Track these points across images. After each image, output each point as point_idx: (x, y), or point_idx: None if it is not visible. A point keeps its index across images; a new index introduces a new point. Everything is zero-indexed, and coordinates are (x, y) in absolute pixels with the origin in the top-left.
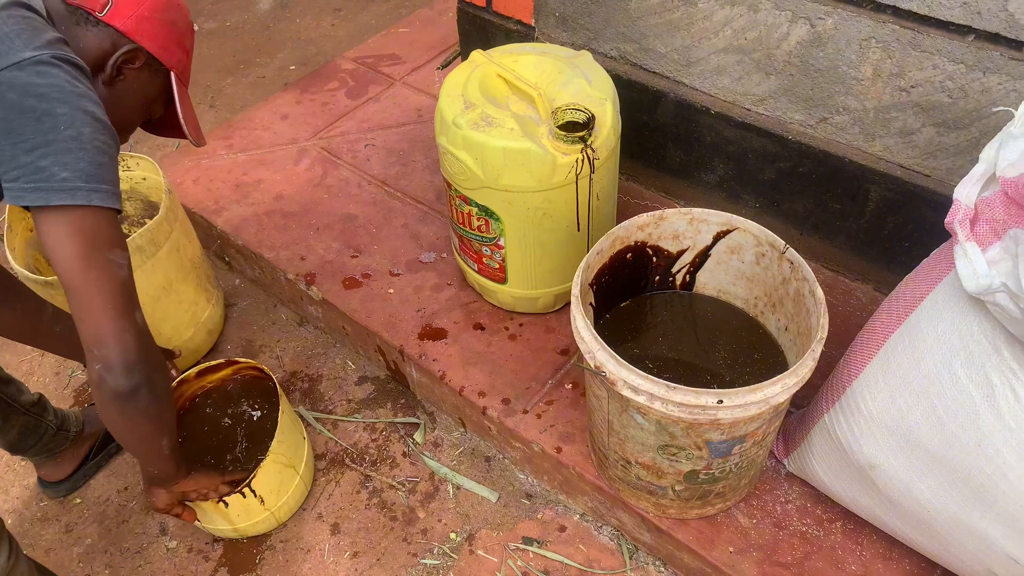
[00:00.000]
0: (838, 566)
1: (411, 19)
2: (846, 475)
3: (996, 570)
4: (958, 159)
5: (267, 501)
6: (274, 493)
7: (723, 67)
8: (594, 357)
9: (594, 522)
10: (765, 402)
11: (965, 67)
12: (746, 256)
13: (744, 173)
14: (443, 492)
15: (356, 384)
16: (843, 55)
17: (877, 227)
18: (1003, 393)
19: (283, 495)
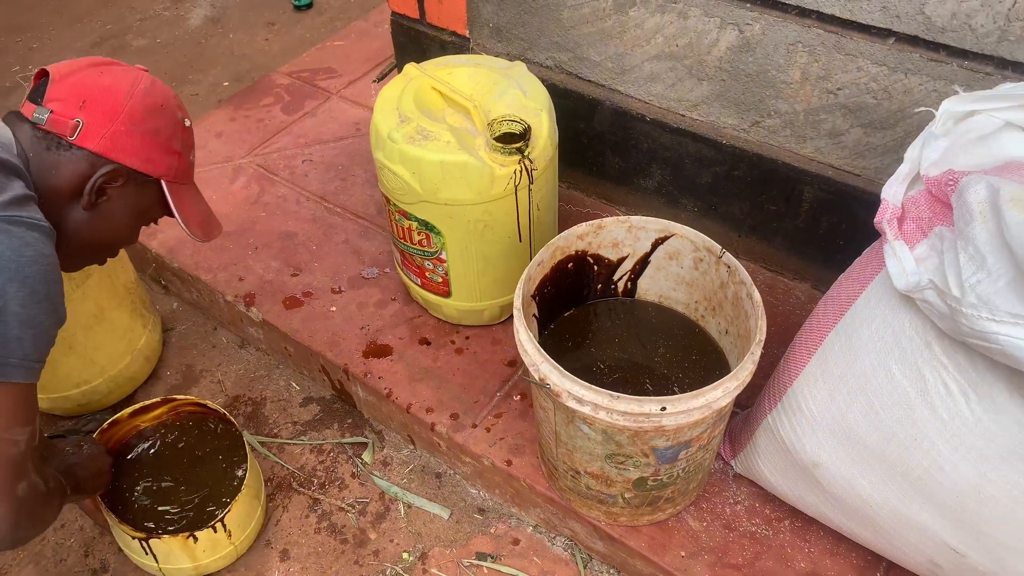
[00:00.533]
0: (787, 564)
1: (346, 32)
2: (791, 474)
3: (938, 560)
4: (886, 158)
5: (234, 535)
6: (240, 526)
7: (656, 74)
8: (538, 370)
9: (547, 533)
10: (708, 407)
11: (888, 69)
12: (685, 261)
13: (682, 178)
14: (394, 511)
15: (301, 406)
16: (771, 60)
17: (812, 227)
18: (935, 387)
19: (247, 527)
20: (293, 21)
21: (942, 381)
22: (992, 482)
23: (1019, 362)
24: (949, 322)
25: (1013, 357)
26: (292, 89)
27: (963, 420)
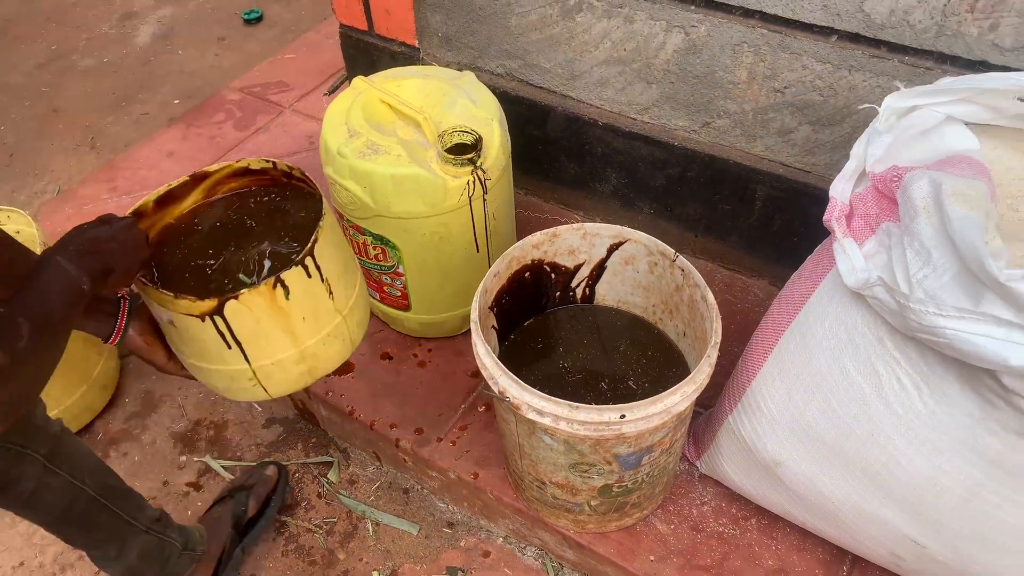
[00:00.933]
0: (755, 563)
1: (297, 45)
2: (754, 473)
3: (899, 552)
4: (835, 154)
5: (336, 294)
6: (340, 282)
7: (606, 79)
8: (497, 383)
9: (517, 544)
10: (667, 412)
11: (832, 66)
12: (640, 266)
13: (636, 181)
14: (362, 530)
15: (264, 427)
16: (718, 61)
17: (766, 225)
18: (889, 383)
19: (350, 294)
20: (243, 35)
21: (895, 376)
22: (947, 474)
23: (966, 355)
24: (899, 318)
25: (960, 350)
26: (244, 105)
27: (917, 414)
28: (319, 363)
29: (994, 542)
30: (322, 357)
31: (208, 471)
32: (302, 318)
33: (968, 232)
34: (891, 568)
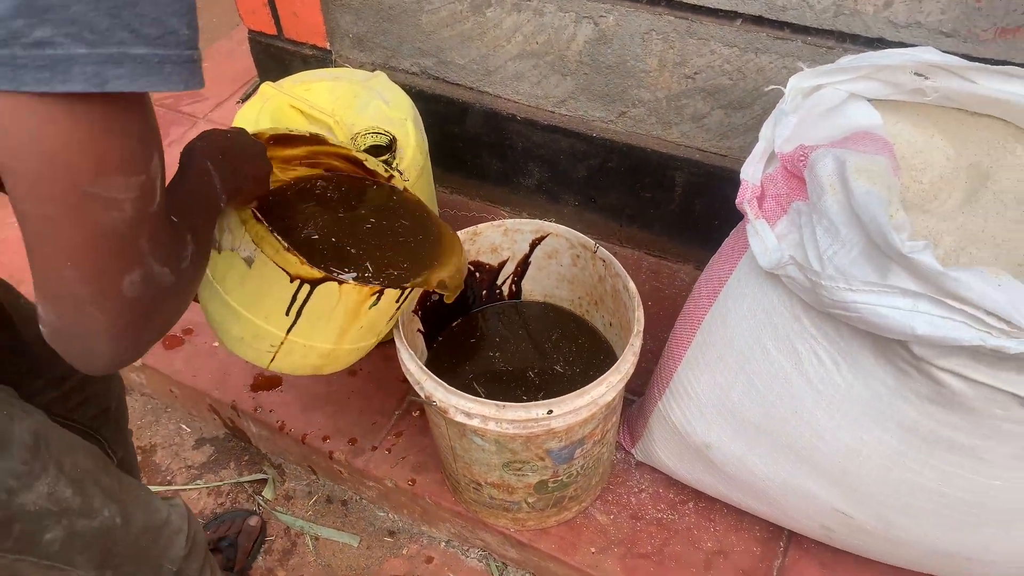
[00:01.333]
0: (695, 546)
1: (209, 52)
2: (687, 457)
3: (829, 524)
4: (748, 137)
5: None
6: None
7: (521, 73)
8: (423, 388)
9: (460, 547)
10: (595, 403)
11: (739, 50)
12: (563, 259)
13: (559, 174)
14: (301, 546)
15: (194, 448)
16: (629, 50)
17: (687, 210)
18: (808, 359)
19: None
20: None
21: (813, 352)
22: (867, 444)
23: (877, 327)
24: (812, 295)
25: (871, 323)
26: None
27: (836, 387)
28: (333, 365)
29: (914, 507)
30: (340, 362)
31: None
32: (360, 326)
33: (872, 207)
34: (824, 540)
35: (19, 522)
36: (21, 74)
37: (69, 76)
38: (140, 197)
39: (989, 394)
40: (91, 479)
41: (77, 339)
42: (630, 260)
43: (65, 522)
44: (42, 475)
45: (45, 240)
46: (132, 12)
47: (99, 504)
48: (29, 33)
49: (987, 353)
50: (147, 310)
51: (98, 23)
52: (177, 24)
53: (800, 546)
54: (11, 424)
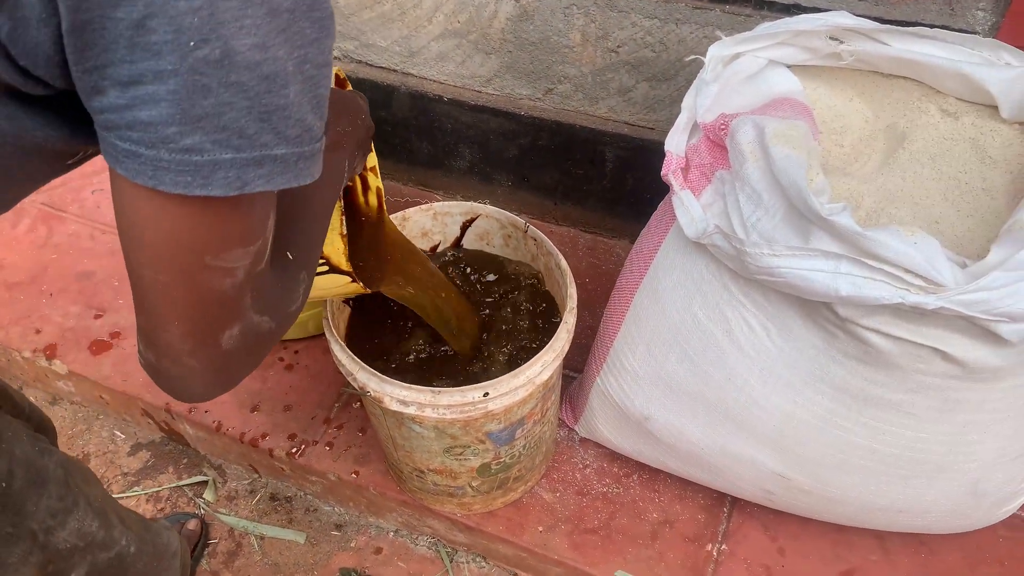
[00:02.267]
0: (641, 517)
1: None
2: (627, 430)
3: (769, 487)
4: (674, 109)
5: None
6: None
7: (445, 53)
8: (356, 379)
9: (409, 536)
10: (531, 383)
11: (659, 21)
12: (495, 240)
13: (490, 154)
14: (247, 546)
15: (130, 454)
16: (551, 25)
17: (619, 185)
18: (739, 326)
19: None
20: None
21: (743, 319)
22: (801, 406)
23: (802, 291)
24: (738, 262)
25: (796, 287)
26: None
27: (767, 353)
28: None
29: (848, 464)
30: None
31: None
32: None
33: (791, 171)
34: (766, 503)
35: (52, 562)
36: (161, 175)
37: (210, 181)
38: (254, 262)
39: (912, 350)
40: (111, 507)
41: (173, 379)
42: (566, 238)
43: (90, 557)
44: (74, 510)
45: (156, 300)
46: (281, 115)
47: (118, 534)
48: (179, 140)
49: (907, 310)
50: (241, 358)
51: (248, 128)
52: (313, 120)
53: (743, 510)
54: (43, 459)
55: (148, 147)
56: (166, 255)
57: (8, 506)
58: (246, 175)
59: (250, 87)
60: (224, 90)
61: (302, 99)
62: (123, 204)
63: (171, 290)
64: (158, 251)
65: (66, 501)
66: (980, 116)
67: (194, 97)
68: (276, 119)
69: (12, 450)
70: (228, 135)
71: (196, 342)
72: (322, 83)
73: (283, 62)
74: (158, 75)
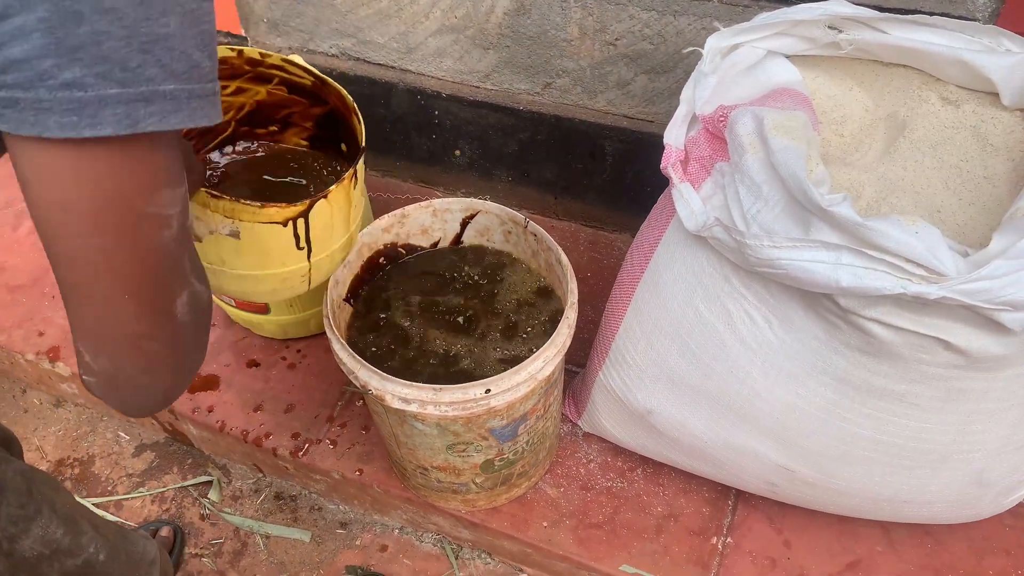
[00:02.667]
0: (645, 511)
1: None
2: (631, 425)
3: (773, 480)
4: (673, 101)
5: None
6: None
7: (443, 48)
8: (358, 377)
9: (414, 533)
10: (532, 379)
11: (657, 13)
12: (495, 236)
13: (489, 150)
14: (252, 546)
15: (134, 455)
16: (548, 19)
17: (619, 178)
18: (740, 318)
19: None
20: None
21: (745, 312)
22: (803, 398)
23: (803, 282)
24: (739, 255)
25: (797, 279)
26: None
27: (769, 345)
28: (352, 248)
29: (852, 455)
30: (354, 240)
31: None
32: (354, 205)
33: (791, 162)
34: (769, 496)
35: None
36: (44, 119)
37: (98, 120)
38: (182, 210)
39: (914, 340)
40: (80, 514)
41: (133, 380)
42: (567, 232)
43: (58, 565)
44: (36, 517)
45: (99, 276)
46: (164, 46)
47: (86, 541)
48: (58, 74)
49: (909, 300)
50: (195, 334)
51: (130, 60)
52: (200, 57)
53: (748, 503)
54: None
55: (25, 89)
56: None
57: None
58: (136, 112)
59: (126, 14)
60: (98, 17)
61: (185, 32)
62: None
63: (113, 256)
64: (88, 211)
65: (27, 509)
66: (981, 104)
67: (67, 25)
68: (159, 51)
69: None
70: (110, 67)
71: (151, 318)
72: (205, 19)
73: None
74: (25, 3)
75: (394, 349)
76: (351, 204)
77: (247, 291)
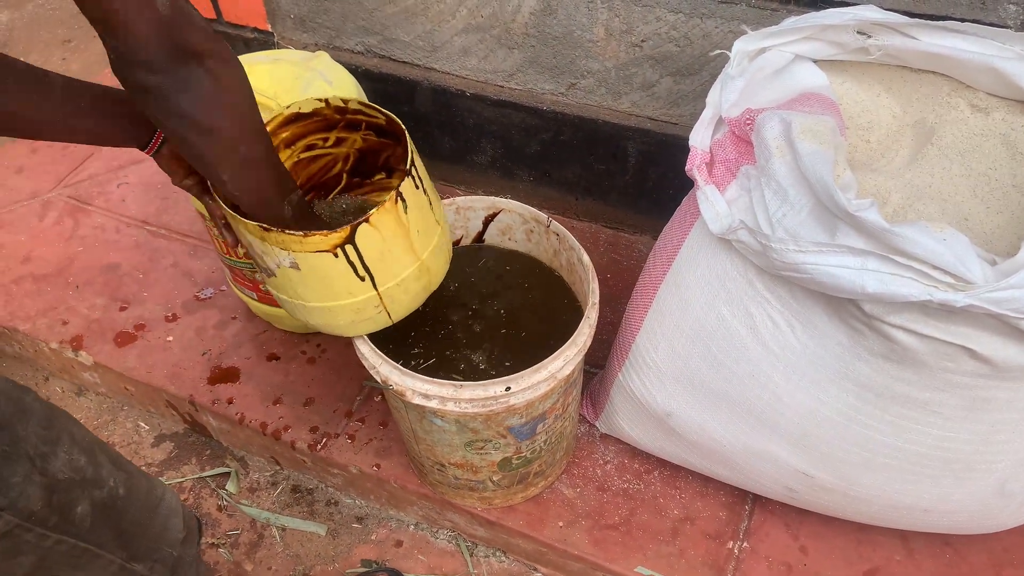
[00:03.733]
0: (662, 514)
1: None
2: (649, 427)
3: (792, 485)
4: (698, 104)
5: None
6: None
7: (468, 47)
8: (379, 372)
9: (429, 529)
10: (552, 378)
11: (684, 16)
12: (517, 235)
13: (512, 149)
14: (268, 538)
15: (153, 445)
16: (574, 20)
17: (641, 180)
18: (763, 322)
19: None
20: (91, 36)
21: (768, 316)
22: (825, 404)
23: (828, 287)
24: (763, 258)
25: (822, 283)
26: None
27: (792, 350)
28: (432, 277)
29: (873, 462)
30: (434, 270)
31: None
32: (417, 231)
33: (818, 167)
34: (787, 501)
35: (56, 492)
36: None
37: None
38: None
39: (939, 348)
40: (98, 447)
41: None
42: (587, 233)
43: (87, 493)
44: (59, 442)
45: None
46: None
47: (106, 473)
48: None
49: (936, 307)
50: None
51: None
52: None
53: (765, 508)
54: (24, 395)
55: None
56: None
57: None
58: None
59: None
60: None
61: None
62: None
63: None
64: None
65: (52, 431)
66: (1011, 111)
67: None
68: None
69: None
70: None
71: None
72: None
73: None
74: None
75: (414, 345)
76: (407, 229)
77: (328, 324)
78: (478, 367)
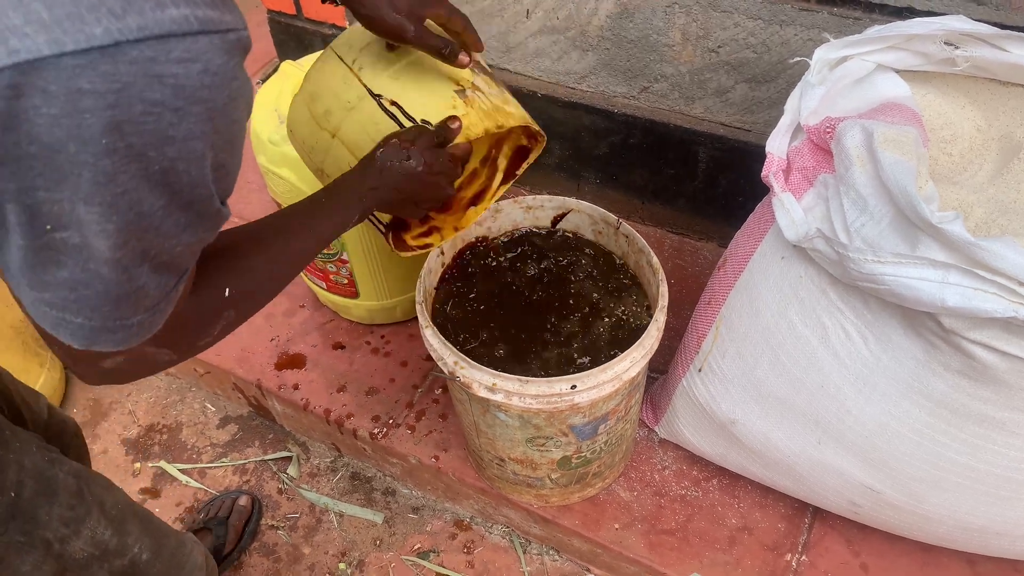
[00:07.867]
0: (719, 522)
1: None
2: (711, 434)
3: (857, 500)
4: (773, 111)
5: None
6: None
7: (542, 49)
8: (446, 363)
9: (484, 524)
10: (618, 379)
11: (763, 22)
12: (585, 235)
13: (580, 151)
14: (326, 523)
15: (219, 427)
16: (651, 24)
17: (711, 186)
18: (835, 333)
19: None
20: None
21: (840, 326)
22: (896, 419)
23: (906, 300)
24: (839, 268)
25: (900, 295)
26: None
27: (864, 362)
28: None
29: (945, 481)
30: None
31: (164, 476)
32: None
33: (901, 178)
34: (850, 516)
35: (69, 571)
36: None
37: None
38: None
39: (1021, 367)
40: (130, 513)
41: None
42: (652, 238)
43: (106, 565)
44: (86, 518)
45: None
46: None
47: (132, 541)
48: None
49: (1019, 325)
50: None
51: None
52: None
53: (825, 522)
54: (53, 469)
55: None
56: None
57: (19, 515)
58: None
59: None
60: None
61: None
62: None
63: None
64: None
65: (78, 510)
66: None
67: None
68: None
69: (21, 461)
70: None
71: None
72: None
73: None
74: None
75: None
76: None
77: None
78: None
